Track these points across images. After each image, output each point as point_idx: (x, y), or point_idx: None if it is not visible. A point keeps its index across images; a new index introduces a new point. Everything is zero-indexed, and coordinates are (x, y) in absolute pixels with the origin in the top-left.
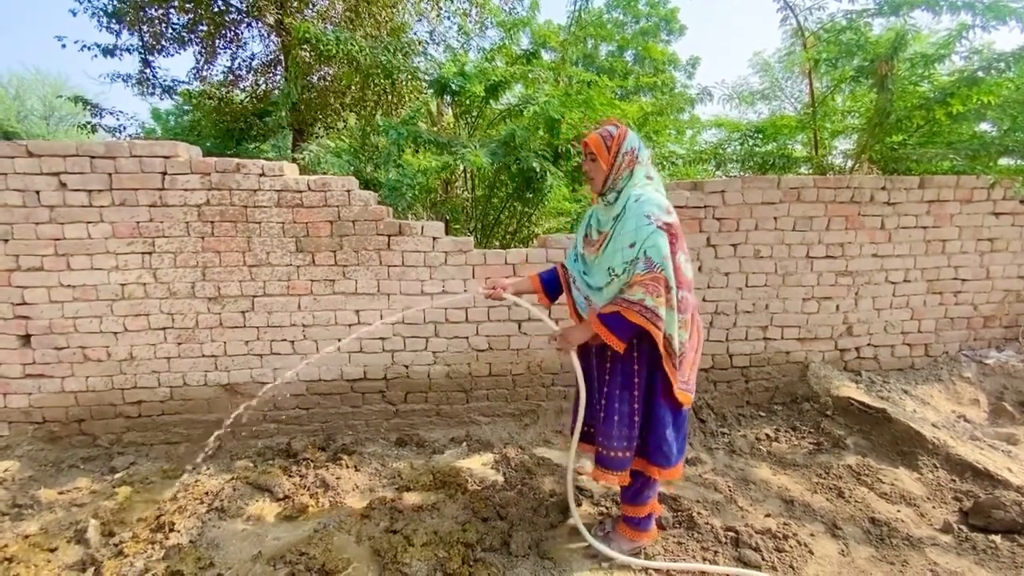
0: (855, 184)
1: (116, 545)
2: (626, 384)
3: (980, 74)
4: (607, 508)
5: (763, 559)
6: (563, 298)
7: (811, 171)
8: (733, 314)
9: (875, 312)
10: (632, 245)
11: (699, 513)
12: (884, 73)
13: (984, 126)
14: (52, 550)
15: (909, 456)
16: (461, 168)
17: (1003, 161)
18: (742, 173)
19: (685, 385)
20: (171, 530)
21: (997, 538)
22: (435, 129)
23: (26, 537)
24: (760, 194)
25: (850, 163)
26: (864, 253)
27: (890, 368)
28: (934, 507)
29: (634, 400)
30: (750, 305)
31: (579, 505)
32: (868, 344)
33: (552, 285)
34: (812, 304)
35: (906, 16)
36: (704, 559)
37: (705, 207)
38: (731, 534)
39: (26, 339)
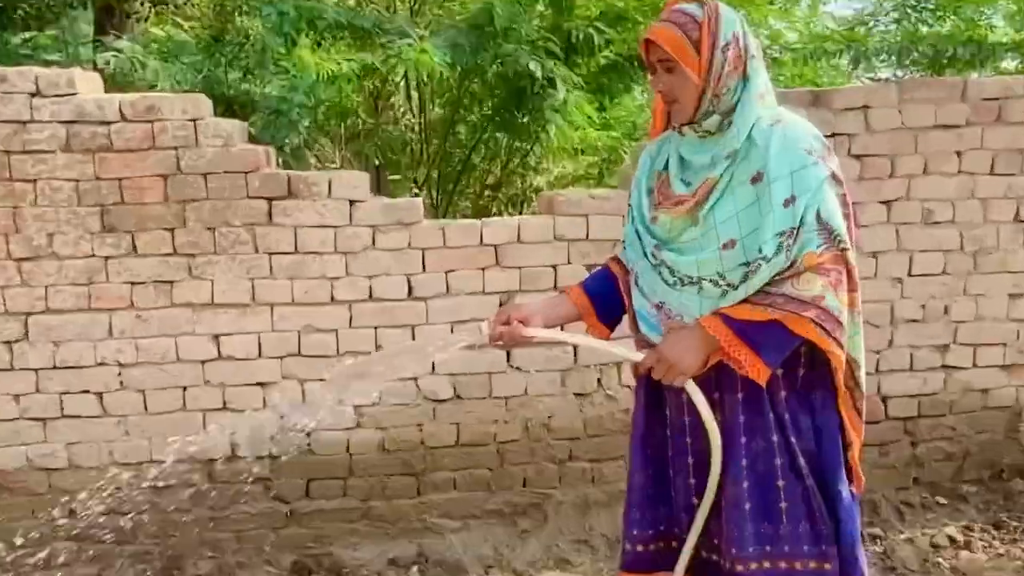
0: None
1: None
2: (783, 445)
3: None
4: None
5: None
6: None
7: None
8: (886, 325)
9: None
10: (789, 202)
11: None
12: None
13: None
14: None
15: None
16: (400, 74)
17: None
18: (898, 74)
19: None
20: None
21: None
22: (352, 5)
23: None
24: (932, 111)
25: None
26: None
27: None
28: None
29: (803, 471)
30: (916, 309)
31: None
32: None
33: (607, 299)
34: None
35: None
36: None
37: (835, 135)
38: None
39: None
